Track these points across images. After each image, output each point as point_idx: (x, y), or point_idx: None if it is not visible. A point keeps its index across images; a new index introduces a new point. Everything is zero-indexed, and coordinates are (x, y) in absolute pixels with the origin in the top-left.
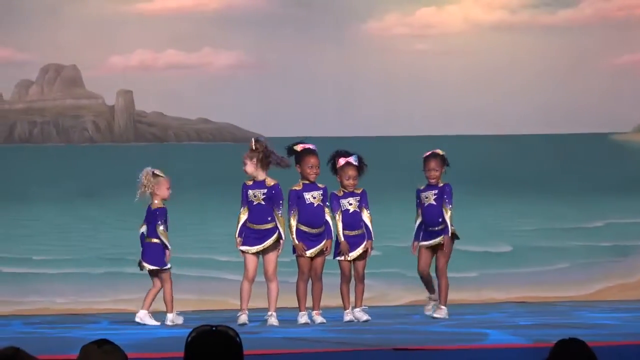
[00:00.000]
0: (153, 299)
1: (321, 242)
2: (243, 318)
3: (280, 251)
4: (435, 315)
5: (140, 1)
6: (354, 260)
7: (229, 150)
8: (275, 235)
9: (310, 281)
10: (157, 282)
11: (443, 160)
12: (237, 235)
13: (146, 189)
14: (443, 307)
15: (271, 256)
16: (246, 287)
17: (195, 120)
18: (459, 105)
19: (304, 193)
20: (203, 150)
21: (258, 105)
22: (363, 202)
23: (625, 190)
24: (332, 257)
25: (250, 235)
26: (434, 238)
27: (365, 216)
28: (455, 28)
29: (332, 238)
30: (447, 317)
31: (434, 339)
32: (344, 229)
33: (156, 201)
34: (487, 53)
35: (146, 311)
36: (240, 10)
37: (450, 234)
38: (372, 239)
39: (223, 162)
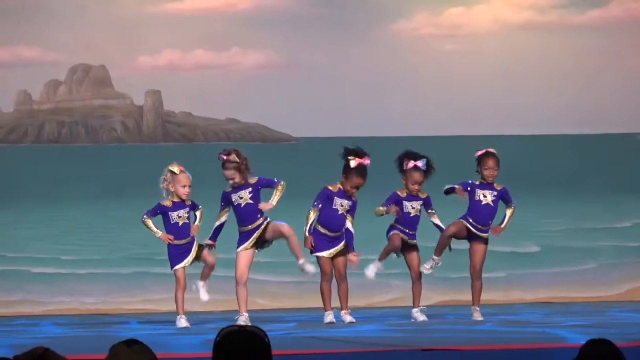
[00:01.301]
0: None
1: (340, 242)
2: (242, 319)
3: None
4: (475, 317)
5: (168, 1)
6: (409, 259)
7: (258, 150)
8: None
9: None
10: (208, 260)
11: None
12: (210, 239)
13: (164, 184)
14: (478, 308)
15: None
16: (241, 290)
17: (224, 121)
18: (487, 106)
19: (335, 197)
20: None
21: (287, 105)
22: (429, 207)
23: None
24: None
25: (244, 238)
26: (479, 232)
27: (435, 218)
28: (483, 28)
29: (353, 248)
30: (481, 318)
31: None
32: (402, 225)
33: (170, 197)
34: (515, 53)
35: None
36: (269, 11)
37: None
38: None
39: (251, 162)
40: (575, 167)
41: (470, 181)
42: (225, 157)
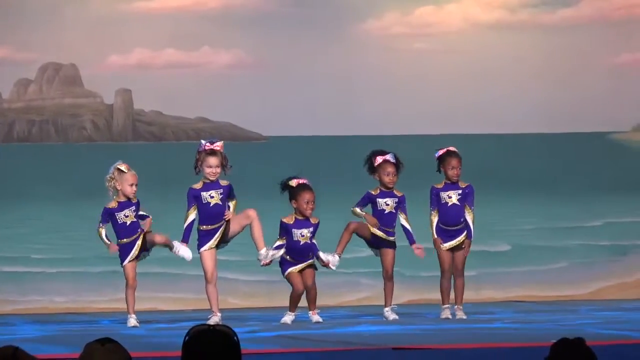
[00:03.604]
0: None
1: (307, 259)
2: (214, 319)
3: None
4: (459, 316)
5: (139, 0)
6: (382, 257)
7: (228, 149)
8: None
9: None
10: (158, 240)
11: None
12: (182, 240)
13: (111, 183)
14: (461, 306)
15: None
16: (211, 289)
17: (194, 119)
18: (458, 105)
19: (293, 229)
20: None
21: (257, 104)
22: (402, 207)
23: (623, 190)
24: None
25: (204, 238)
26: (454, 238)
27: (403, 219)
28: (454, 27)
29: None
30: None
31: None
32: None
33: (115, 197)
34: (486, 52)
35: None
36: (240, 10)
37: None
38: (415, 242)
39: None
40: (547, 166)
41: (434, 187)
42: (212, 145)
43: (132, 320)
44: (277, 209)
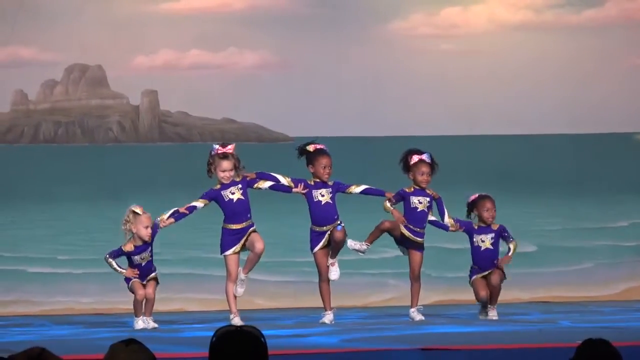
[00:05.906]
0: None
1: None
2: (237, 320)
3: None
4: (492, 316)
5: (165, 1)
6: (410, 258)
7: (254, 150)
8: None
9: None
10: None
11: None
12: (167, 216)
13: (127, 226)
14: (494, 308)
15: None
16: (231, 289)
17: (220, 120)
18: (484, 106)
19: (313, 190)
20: None
21: (282, 105)
22: (432, 207)
23: None
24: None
25: (229, 237)
26: (488, 269)
27: (430, 215)
28: (480, 28)
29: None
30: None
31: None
32: (408, 222)
33: (131, 239)
34: (511, 53)
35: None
36: (265, 11)
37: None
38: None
39: (247, 162)
40: (573, 167)
41: (472, 227)
42: (225, 149)
43: (140, 322)
44: (300, 210)
